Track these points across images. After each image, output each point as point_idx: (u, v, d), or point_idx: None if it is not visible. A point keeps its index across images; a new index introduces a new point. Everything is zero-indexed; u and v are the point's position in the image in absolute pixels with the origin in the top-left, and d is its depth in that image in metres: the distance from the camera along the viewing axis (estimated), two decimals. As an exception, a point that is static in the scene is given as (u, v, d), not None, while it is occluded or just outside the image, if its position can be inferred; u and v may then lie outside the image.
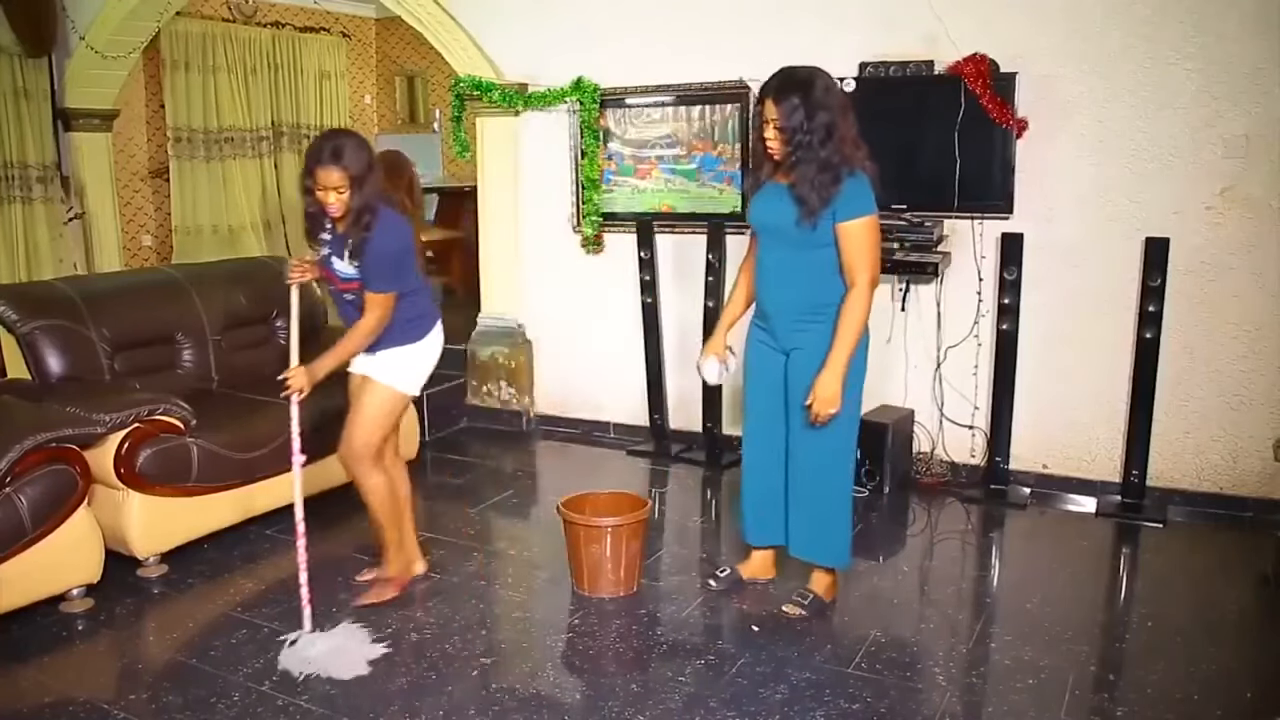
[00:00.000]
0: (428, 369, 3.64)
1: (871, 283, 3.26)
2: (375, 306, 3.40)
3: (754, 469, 3.64)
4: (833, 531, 3.51)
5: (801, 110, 3.16)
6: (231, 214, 9.17)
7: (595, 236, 5.59)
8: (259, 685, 3.11)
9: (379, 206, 3.32)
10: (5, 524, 3.32)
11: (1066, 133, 4.46)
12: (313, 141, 3.38)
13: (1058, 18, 4.40)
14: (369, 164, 3.30)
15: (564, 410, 5.92)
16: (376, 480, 3.56)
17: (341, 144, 3.27)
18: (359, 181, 3.26)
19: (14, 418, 3.59)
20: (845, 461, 3.50)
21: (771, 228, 3.36)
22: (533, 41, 5.59)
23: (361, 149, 3.30)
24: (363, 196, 3.27)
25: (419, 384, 3.63)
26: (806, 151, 3.17)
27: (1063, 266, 4.56)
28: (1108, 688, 3.12)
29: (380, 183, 3.37)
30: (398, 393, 3.55)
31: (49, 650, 3.38)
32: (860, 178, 3.22)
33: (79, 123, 7.22)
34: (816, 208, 3.19)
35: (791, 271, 3.35)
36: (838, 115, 3.18)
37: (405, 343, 3.51)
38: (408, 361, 3.54)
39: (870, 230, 3.24)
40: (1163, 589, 3.89)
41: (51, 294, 4.36)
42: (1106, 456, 4.62)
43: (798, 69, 3.25)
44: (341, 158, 3.23)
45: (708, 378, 3.72)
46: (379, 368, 3.52)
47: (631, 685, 3.13)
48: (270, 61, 9.51)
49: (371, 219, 3.29)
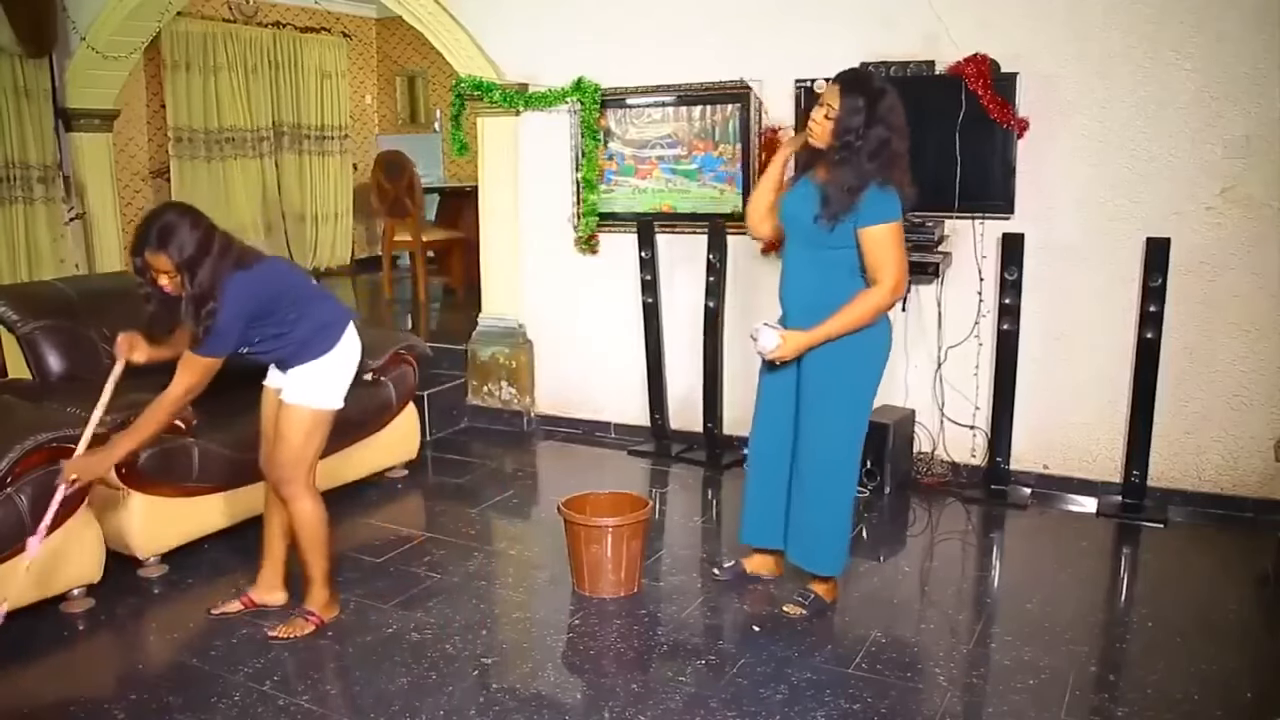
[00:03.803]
0: (347, 377, 3.40)
1: (894, 288, 3.27)
2: (190, 372, 3.09)
3: (759, 470, 3.65)
4: (829, 540, 3.51)
5: (863, 114, 3.16)
6: (232, 214, 9.18)
7: (590, 237, 5.58)
8: (260, 685, 3.11)
9: (219, 285, 3.00)
10: (6, 523, 3.31)
11: (1067, 133, 4.46)
12: (141, 219, 3.05)
13: (1059, 18, 4.41)
14: (202, 244, 2.97)
15: (565, 410, 5.92)
16: (308, 504, 3.36)
17: (169, 225, 2.96)
18: (190, 267, 2.95)
19: (15, 418, 3.58)
20: (849, 469, 3.50)
21: (794, 223, 3.39)
22: (533, 41, 5.59)
23: (194, 227, 2.98)
24: (197, 284, 2.97)
25: (340, 395, 3.38)
26: (853, 154, 3.18)
27: (1064, 267, 4.56)
28: (1108, 688, 3.12)
29: (221, 255, 3.01)
30: (318, 411, 3.32)
31: (50, 650, 3.38)
32: (888, 188, 3.22)
33: (80, 123, 7.22)
34: (838, 211, 3.20)
35: (807, 270, 3.37)
36: (895, 136, 3.19)
37: (316, 356, 3.29)
38: (321, 376, 3.31)
39: (893, 235, 3.24)
40: (1163, 589, 3.89)
41: (52, 294, 4.36)
42: (1107, 457, 4.61)
43: (875, 76, 3.27)
44: (167, 243, 2.94)
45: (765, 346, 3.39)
46: (293, 389, 3.30)
47: (632, 685, 3.13)
48: (271, 61, 9.54)
49: (215, 304, 2.99)
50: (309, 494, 3.38)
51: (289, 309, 3.23)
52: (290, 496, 3.37)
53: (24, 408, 3.69)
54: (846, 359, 3.35)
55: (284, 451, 3.32)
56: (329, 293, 3.58)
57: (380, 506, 4.75)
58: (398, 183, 8.10)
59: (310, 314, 3.30)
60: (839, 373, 3.37)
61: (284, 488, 3.36)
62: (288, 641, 3.38)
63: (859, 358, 3.38)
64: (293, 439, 3.30)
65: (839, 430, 3.42)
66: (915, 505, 4.68)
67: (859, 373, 3.41)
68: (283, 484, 3.36)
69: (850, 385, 3.41)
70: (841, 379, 3.39)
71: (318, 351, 3.29)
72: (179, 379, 3.11)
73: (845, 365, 3.37)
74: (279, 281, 3.23)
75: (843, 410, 3.42)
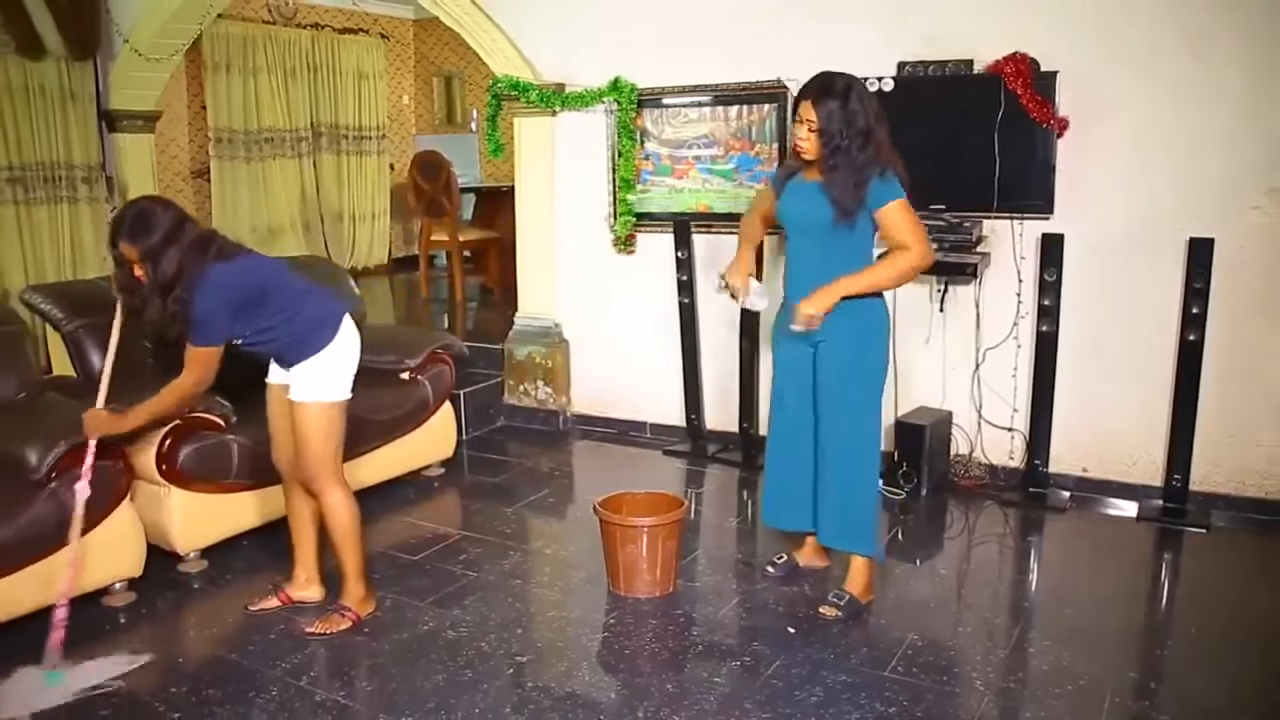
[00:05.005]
0: (350, 367, 3.42)
1: (924, 253, 3.34)
2: (193, 364, 3.18)
3: (778, 457, 3.72)
4: (860, 518, 3.56)
5: (839, 115, 3.25)
6: (271, 214, 9.28)
7: (628, 237, 5.59)
8: (296, 680, 3.14)
9: (187, 275, 3.06)
10: (51, 518, 3.37)
11: (1109, 131, 4.41)
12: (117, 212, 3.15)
13: (1100, 14, 4.35)
14: (169, 234, 3.04)
15: (600, 410, 5.92)
16: (340, 496, 3.41)
17: (137, 216, 3.07)
18: (153, 256, 3.03)
19: (60, 414, 3.65)
20: (871, 449, 3.55)
21: (804, 225, 3.46)
22: (570, 41, 5.60)
23: (163, 218, 3.06)
24: (160, 273, 3.04)
25: (347, 385, 3.41)
26: (843, 156, 3.28)
27: (1104, 267, 4.51)
28: (1148, 695, 3.08)
29: (195, 247, 3.08)
30: (329, 404, 3.35)
31: (92, 643, 3.42)
32: (887, 175, 3.31)
33: (122, 124, 7.31)
34: (853, 209, 3.30)
35: (821, 263, 3.42)
36: (874, 122, 3.29)
37: (315, 351, 3.32)
38: (325, 369, 3.34)
39: (907, 208, 3.33)
40: (1205, 595, 3.83)
41: (96, 293, 4.40)
42: (1148, 460, 4.55)
43: (837, 74, 3.35)
44: (135, 233, 3.03)
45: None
46: (300, 387, 3.33)
47: (667, 685, 3.13)
48: (309, 63, 9.62)
49: (184, 292, 3.05)
50: (339, 486, 3.43)
51: (277, 303, 3.27)
52: (320, 490, 3.41)
53: (68, 405, 3.74)
54: (860, 338, 3.46)
55: (308, 452, 3.36)
56: (323, 288, 3.60)
57: (416, 504, 4.77)
58: (435, 183, 8.15)
59: (303, 309, 3.34)
60: (855, 353, 3.47)
61: (314, 484, 3.41)
62: (324, 637, 3.41)
63: (871, 336, 3.50)
64: (313, 437, 3.35)
65: (860, 410, 3.51)
66: (952, 508, 4.65)
67: (872, 350, 3.52)
68: (312, 481, 3.40)
69: (866, 364, 3.51)
70: (857, 358, 3.48)
71: (317, 346, 3.33)
72: (186, 371, 3.20)
73: (859, 345, 3.47)
74: (260, 274, 3.27)
75: (861, 389, 3.51)
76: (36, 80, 6.60)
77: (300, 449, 3.38)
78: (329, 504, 3.42)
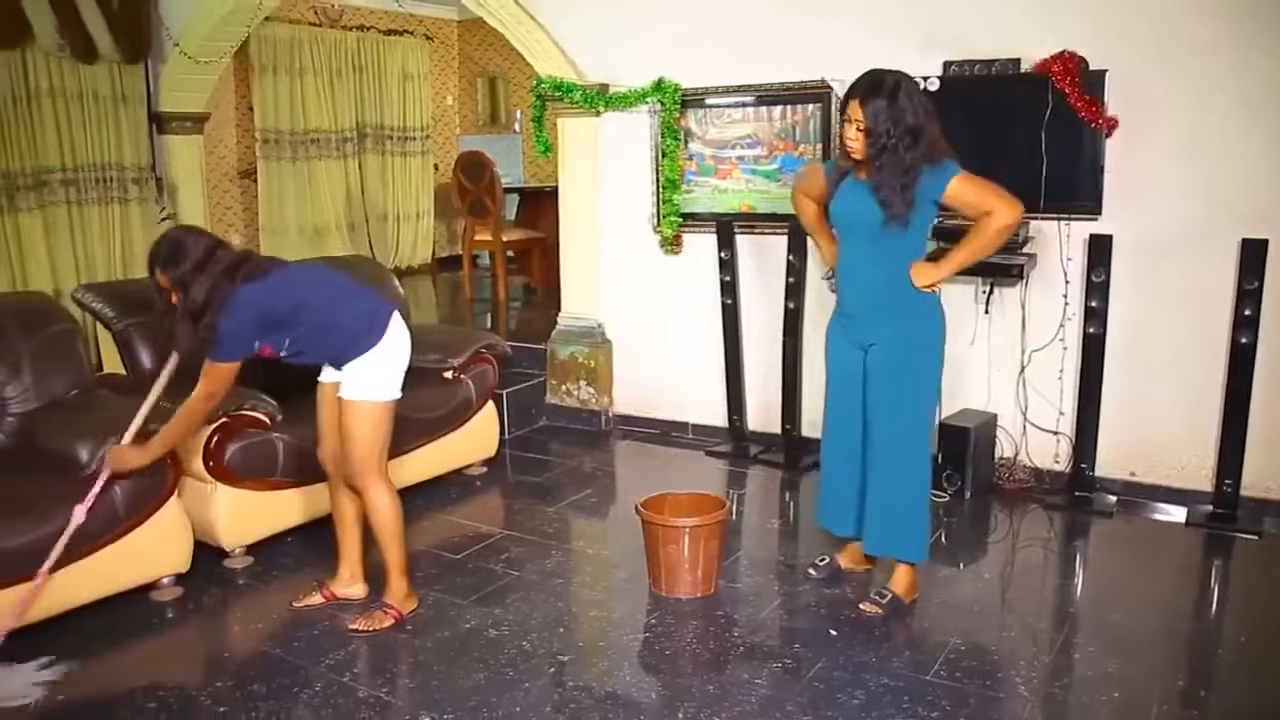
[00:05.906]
0: (400, 366, 3.44)
1: (1007, 210, 3.25)
2: (206, 379, 3.23)
3: (832, 463, 3.71)
4: (912, 526, 3.54)
5: (886, 114, 3.21)
6: (316, 214, 9.38)
7: (674, 237, 5.59)
8: (340, 676, 3.17)
9: (218, 300, 3.13)
10: (101, 513, 3.43)
11: (1158, 131, 4.34)
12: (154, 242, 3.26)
13: (1151, 12, 4.29)
14: (199, 262, 3.13)
15: (643, 410, 5.93)
16: (384, 494, 3.44)
17: (168, 247, 3.16)
18: (183, 284, 3.12)
19: (110, 411, 3.71)
20: (921, 456, 3.52)
21: (855, 226, 3.43)
22: (613, 42, 5.61)
23: (194, 247, 3.15)
24: (190, 300, 3.12)
25: (396, 385, 3.43)
26: (890, 155, 3.23)
27: (1153, 269, 4.44)
28: (1196, 704, 3.04)
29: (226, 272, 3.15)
30: (379, 404, 3.38)
31: (140, 636, 3.49)
32: (936, 160, 3.26)
33: (172, 125, 7.42)
34: (902, 211, 3.26)
35: (873, 262, 3.41)
36: (925, 120, 3.24)
37: (365, 350, 3.33)
38: (375, 368, 3.36)
39: (969, 179, 3.28)
40: (1257, 603, 3.76)
41: (145, 293, 4.45)
42: (1198, 465, 4.48)
43: (886, 72, 3.30)
44: (167, 263, 3.13)
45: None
46: (350, 385, 3.36)
47: (708, 686, 3.12)
48: (355, 64, 9.72)
49: (211, 319, 3.13)
50: (384, 483, 3.46)
51: (316, 312, 3.31)
52: (365, 488, 3.43)
53: (118, 402, 3.80)
54: (910, 343, 3.43)
55: (354, 449, 3.38)
56: (367, 288, 3.61)
57: (459, 503, 4.80)
58: (478, 183, 8.19)
59: (347, 311, 3.38)
60: (906, 357, 3.44)
61: (358, 480, 3.43)
62: (367, 634, 3.44)
63: (923, 340, 3.46)
64: (360, 436, 3.37)
65: (910, 415, 3.47)
66: (996, 511, 4.60)
67: (925, 356, 3.48)
68: (356, 477, 3.43)
69: (917, 369, 3.47)
70: (908, 363, 3.45)
71: (366, 345, 3.34)
72: (200, 386, 3.25)
73: (908, 349, 3.44)
74: (293, 289, 3.30)
75: (913, 394, 3.48)
76: (90, 84, 6.73)
77: (346, 446, 3.41)
78: (373, 501, 3.45)
